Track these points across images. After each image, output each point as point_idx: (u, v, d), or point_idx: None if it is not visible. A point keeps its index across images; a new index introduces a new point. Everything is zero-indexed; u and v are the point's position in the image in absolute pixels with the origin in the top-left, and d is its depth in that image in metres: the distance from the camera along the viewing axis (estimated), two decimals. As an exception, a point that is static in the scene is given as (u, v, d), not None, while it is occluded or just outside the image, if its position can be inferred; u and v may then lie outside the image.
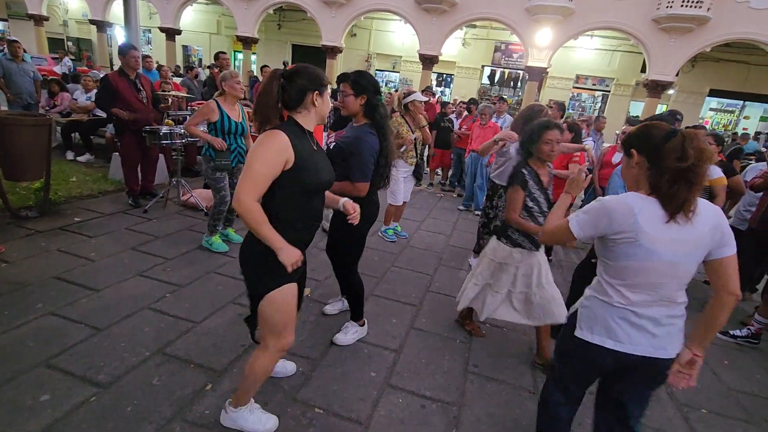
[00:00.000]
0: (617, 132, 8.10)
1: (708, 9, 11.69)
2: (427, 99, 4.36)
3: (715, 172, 3.60)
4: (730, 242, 1.37)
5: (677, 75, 13.22)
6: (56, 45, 20.62)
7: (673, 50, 12.55)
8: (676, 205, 1.30)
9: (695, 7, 11.72)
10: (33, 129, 3.68)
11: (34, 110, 6.29)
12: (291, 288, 1.68)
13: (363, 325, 2.73)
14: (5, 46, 6.21)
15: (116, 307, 2.69)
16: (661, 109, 15.27)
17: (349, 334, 2.65)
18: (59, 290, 2.80)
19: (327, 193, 1.85)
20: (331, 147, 2.36)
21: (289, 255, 1.55)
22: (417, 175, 4.40)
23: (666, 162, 1.30)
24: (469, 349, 2.76)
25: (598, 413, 1.68)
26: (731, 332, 3.34)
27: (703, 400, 2.56)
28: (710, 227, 1.34)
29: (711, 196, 3.60)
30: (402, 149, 4.19)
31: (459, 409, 2.21)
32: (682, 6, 11.79)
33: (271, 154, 1.51)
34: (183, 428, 1.86)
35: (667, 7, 12.00)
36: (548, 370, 1.76)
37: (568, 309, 1.91)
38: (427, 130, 4.32)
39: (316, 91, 1.63)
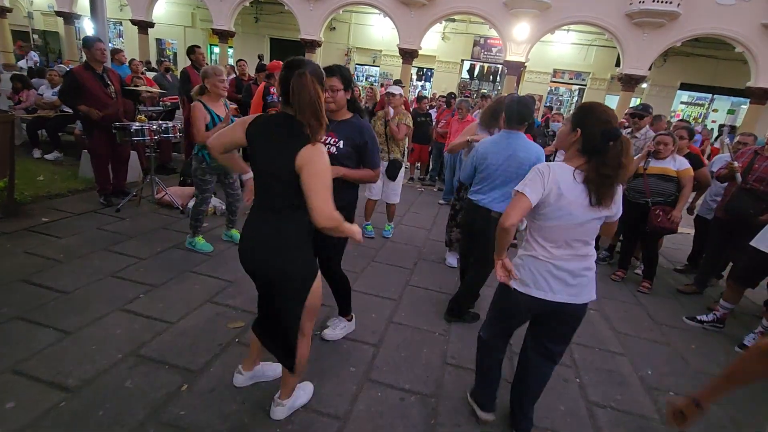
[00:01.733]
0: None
1: (678, 5, 12.01)
2: (400, 92, 4.27)
3: (683, 164, 3.72)
4: (620, 208, 1.71)
5: (650, 69, 13.56)
6: (21, 38, 19.67)
7: (645, 45, 12.86)
8: (598, 197, 1.61)
9: (666, 2, 12.03)
10: (-6, 126, 3.52)
11: None
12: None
13: (351, 320, 2.73)
14: None
15: (86, 309, 2.61)
16: (635, 102, 15.65)
17: (338, 329, 2.65)
18: (26, 293, 2.70)
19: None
20: (341, 147, 2.21)
21: (358, 230, 1.71)
22: (388, 173, 4.22)
23: (603, 169, 1.57)
24: (447, 342, 2.79)
25: (523, 354, 2.02)
26: (698, 317, 3.47)
27: (671, 383, 2.66)
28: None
29: (678, 186, 3.73)
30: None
31: (437, 400, 2.24)
32: (653, 1, 12.09)
33: (328, 163, 1.58)
34: (158, 430, 1.83)
35: (639, 2, 12.28)
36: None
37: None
38: (393, 126, 4.18)
39: None
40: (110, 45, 5.36)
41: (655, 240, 4.02)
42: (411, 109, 7.27)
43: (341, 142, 2.21)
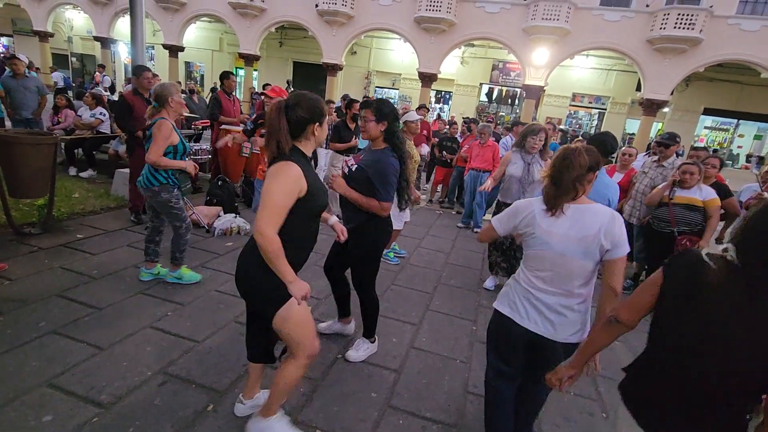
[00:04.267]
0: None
1: (701, 30, 12.00)
2: (420, 117, 4.36)
3: (709, 194, 3.66)
4: (619, 246, 1.59)
5: (672, 94, 13.47)
6: (60, 60, 20.92)
7: (667, 70, 12.82)
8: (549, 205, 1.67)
9: (688, 28, 12.03)
10: (40, 148, 3.74)
11: (34, 125, 6.35)
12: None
13: (374, 342, 2.77)
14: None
15: (118, 325, 2.70)
16: (656, 126, 15.50)
17: (361, 350, 2.69)
18: (62, 308, 2.81)
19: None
20: (353, 169, 2.43)
21: (300, 288, 1.70)
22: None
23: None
24: (469, 370, 2.77)
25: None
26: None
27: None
28: (598, 229, 1.59)
29: (705, 217, 3.67)
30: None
31: (459, 431, 2.22)
32: (675, 27, 12.10)
33: (290, 186, 1.61)
34: (184, 450, 1.86)
35: (660, 28, 12.31)
36: None
37: None
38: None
39: (317, 123, 1.73)
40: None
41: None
42: (442, 130, 7.37)
43: (355, 165, 2.39)
